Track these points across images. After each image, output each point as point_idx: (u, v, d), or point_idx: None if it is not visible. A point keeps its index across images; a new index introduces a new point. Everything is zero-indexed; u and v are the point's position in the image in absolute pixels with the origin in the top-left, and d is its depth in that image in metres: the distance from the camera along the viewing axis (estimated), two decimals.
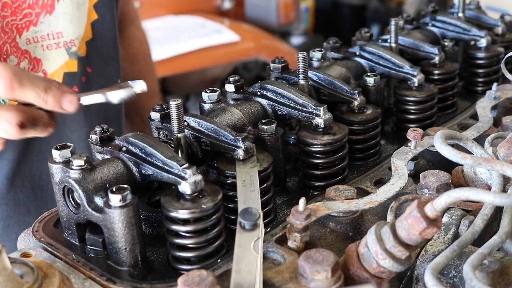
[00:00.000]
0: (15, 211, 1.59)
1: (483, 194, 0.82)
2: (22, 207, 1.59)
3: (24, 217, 1.60)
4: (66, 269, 0.99)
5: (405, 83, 1.42)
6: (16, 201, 1.58)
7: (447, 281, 0.99)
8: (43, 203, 1.62)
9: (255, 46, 4.28)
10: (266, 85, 1.24)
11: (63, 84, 1.15)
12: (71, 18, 1.49)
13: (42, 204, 1.61)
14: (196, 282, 0.84)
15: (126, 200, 0.93)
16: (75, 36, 1.52)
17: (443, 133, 1.01)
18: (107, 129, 1.09)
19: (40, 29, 1.46)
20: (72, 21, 1.49)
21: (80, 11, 1.51)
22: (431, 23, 1.68)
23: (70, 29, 1.50)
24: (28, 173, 1.58)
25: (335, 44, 1.51)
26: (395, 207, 1.05)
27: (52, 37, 1.48)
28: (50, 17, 1.46)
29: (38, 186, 1.60)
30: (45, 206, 1.61)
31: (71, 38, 1.51)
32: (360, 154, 1.31)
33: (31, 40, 1.46)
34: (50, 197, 1.61)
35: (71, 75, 1.54)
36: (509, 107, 1.54)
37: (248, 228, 0.94)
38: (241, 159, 1.06)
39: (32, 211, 1.60)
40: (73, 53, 1.53)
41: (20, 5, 1.42)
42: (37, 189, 1.60)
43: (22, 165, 1.56)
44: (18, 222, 1.59)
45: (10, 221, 1.59)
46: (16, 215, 1.59)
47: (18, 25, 1.43)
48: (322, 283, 0.87)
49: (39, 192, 1.61)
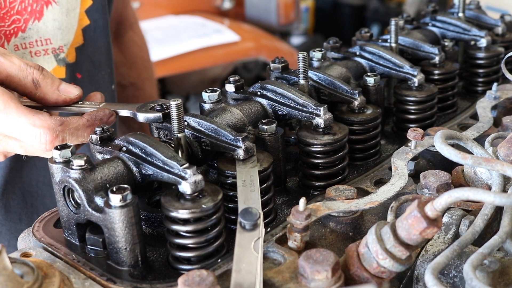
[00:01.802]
0: (7, 218, 1.58)
1: (483, 194, 0.82)
2: (13, 214, 1.59)
3: (15, 224, 1.59)
4: (66, 269, 0.99)
5: (405, 83, 1.42)
6: (7, 208, 1.57)
7: (447, 281, 0.99)
8: (33, 209, 1.61)
9: (255, 46, 4.28)
10: (266, 85, 1.24)
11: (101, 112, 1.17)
12: (60, 25, 1.48)
13: (33, 211, 1.61)
14: (196, 282, 0.84)
15: (126, 200, 0.93)
16: (63, 43, 1.50)
17: (443, 133, 1.01)
18: (107, 129, 1.09)
19: (29, 36, 1.44)
20: (61, 28, 1.48)
21: (69, 17, 1.49)
22: (431, 23, 1.68)
23: (58, 36, 1.48)
24: (18, 180, 1.57)
25: (335, 44, 1.51)
26: (395, 207, 1.05)
27: (40, 44, 1.47)
28: (39, 24, 1.45)
29: (28, 193, 1.59)
30: (36, 213, 1.60)
31: (59, 45, 1.50)
32: (360, 154, 1.31)
33: (19, 47, 1.44)
34: (41, 203, 1.61)
35: None
36: (509, 107, 1.54)
37: (248, 228, 0.94)
38: (241, 159, 1.06)
39: (23, 218, 1.60)
40: (61, 59, 1.51)
41: (8, 11, 1.40)
42: (27, 196, 1.59)
43: (12, 172, 1.55)
44: (10, 230, 1.59)
45: (2, 229, 1.58)
46: (7, 222, 1.58)
47: (7, 32, 1.42)
48: (322, 283, 0.87)
49: (29, 199, 1.60)
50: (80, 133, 1.14)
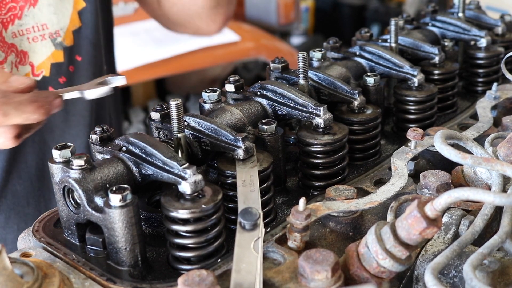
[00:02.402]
0: (15, 203, 1.60)
1: (483, 194, 0.82)
2: (21, 199, 1.61)
3: (23, 208, 1.62)
4: (66, 269, 0.99)
5: (405, 83, 1.42)
6: (14, 193, 1.60)
7: (447, 281, 0.99)
8: (40, 193, 1.64)
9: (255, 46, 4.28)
10: (266, 85, 1.24)
11: (44, 89, 1.17)
12: (55, 9, 1.51)
13: (40, 194, 1.63)
14: (196, 282, 0.84)
15: (126, 200, 0.93)
16: (59, 27, 1.53)
17: (443, 133, 1.01)
18: (107, 129, 1.09)
19: (25, 22, 1.47)
20: (56, 12, 1.51)
21: (64, 1, 1.52)
22: (431, 23, 1.68)
23: (54, 20, 1.51)
24: (23, 165, 1.59)
25: (335, 44, 1.51)
26: (395, 207, 1.05)
27: (37, 29, 1.49)
28: (34, 10, 1.48)
29: (35, 177, 1.61)
30: (43, 196, 1.63)
31: (55, 29, 1.52)
32: (360, 154, 1.31)
33: (17, 34, 1.47)
34: (47, 187, 1.64)
35: (58, 66, 1.55)
36: (509, 107, 1.54)
37: (248, 228, 0.94)
38: (241, 159, 1.06)
39: (31, 202, 1.62)
40: (58, 43, 1.54)
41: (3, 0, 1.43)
42: (34, 180, 1.62)
43: (17, 158, 1.57)
44: (18, 214, 1.61)
45: (10, 213, 1.60)
46: (15, 206, 1.61)
47: (3, 20, 1.45)
48: (322, 283, 0.87)
49: (36, 182, 1.62)
50: (24, 107, 1.12)
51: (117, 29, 1.98)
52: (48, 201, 1.65)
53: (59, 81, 1.57)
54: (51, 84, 1.56)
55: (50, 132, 1.61)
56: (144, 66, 3.70)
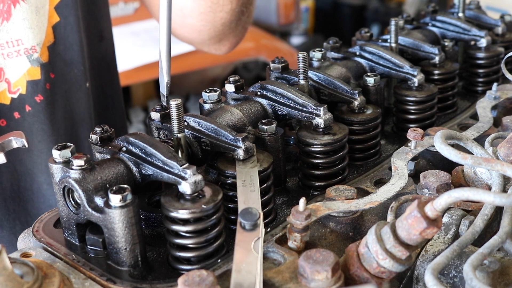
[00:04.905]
0: None
1: (483, 194, 0.82)
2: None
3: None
4: (66, 269, 0.98)
5: (405, 83, 1.42)
6: None
7: (447, 281, 0.99)
8: (16, 215, 1.57)
9: (255, 46, 4.28)
10: (266, 85, 1.24)
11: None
12: (30, 24, 1.44)
13: (15, 217, 1.57)
14: (196, 282, 0.84)
15: (126, 200, 0.93)
16: (36, 42, 1.46)
17: (443, 133, 1.01)
18: (107, 129, 1.09)
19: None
20: (32, 27, 1.44)
21: (40, 15, 1.45)
22: (431, 23, 1.68)
23: (30, 35, 1.44)
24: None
25: (335, 44, 1.51)
26: (395, 207, 1.05)
27: (11, 45, 1.43)
28: (8, 24, 1.41)
29: (10, 198, 1.55)
30: (18, 219, 1.57)
31: (31, 45, 1.45)
32: (360, 154, 1.31)
33: None
34: (22, 209, 1.57)
35: (35, 83, 1.48)
36: (509, 107, 1.54)
37: (248, 228, 0.94)
38: (241, 159, 1.06)
39: (5, 225, 1.56)
40: (35, 60, 1.47)
41: None
42: (9, 202, 1.55)
43: None
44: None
45: None
46: None
47: None
48: (322, 283, 0.87)
49: (11, 204, 1.56)
50: None
51: (117, 29, 1.97)
52: (25, 223, 1.56)
53: (35, 99, 1.50)
54: (28, 102, 1.49)
55: (27, 151, 1.52)
56: (144, 66, 3.70)
